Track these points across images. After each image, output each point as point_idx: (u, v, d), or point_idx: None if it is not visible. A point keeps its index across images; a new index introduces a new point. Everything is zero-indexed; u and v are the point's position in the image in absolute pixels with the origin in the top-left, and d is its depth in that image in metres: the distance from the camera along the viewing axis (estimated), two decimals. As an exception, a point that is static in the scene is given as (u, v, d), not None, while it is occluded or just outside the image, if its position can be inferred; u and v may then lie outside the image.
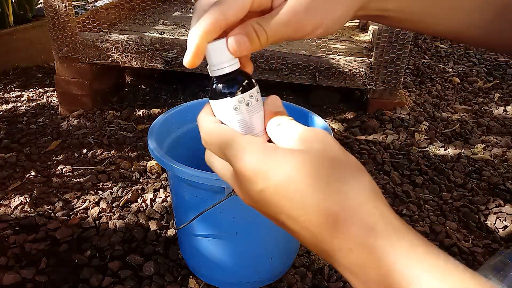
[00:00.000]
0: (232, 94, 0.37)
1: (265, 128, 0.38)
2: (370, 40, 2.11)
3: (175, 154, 0.89)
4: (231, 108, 0.37)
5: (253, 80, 0.39)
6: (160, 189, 1.33)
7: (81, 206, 1.26)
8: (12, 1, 2.47)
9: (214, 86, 0.38)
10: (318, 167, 0.31)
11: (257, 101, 0.38)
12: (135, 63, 1.79)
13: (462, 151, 1.61)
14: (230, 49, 0.35)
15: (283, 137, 0.35)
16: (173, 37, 1.81)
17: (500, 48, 0.50)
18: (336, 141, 0.34)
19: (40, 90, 2.15)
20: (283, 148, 0.33)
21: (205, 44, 0.35)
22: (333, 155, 0.32)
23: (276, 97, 0.39)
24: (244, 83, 0.38)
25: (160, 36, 1.89)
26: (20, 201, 1.27)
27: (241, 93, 0.37)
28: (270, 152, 0.32)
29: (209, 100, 0.39)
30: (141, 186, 1.35)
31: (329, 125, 1.62)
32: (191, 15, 2.27)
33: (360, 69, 1.73)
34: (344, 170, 0.31)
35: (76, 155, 1.55)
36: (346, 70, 1.73)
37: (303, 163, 0.31)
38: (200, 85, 2.10)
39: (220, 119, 0.38)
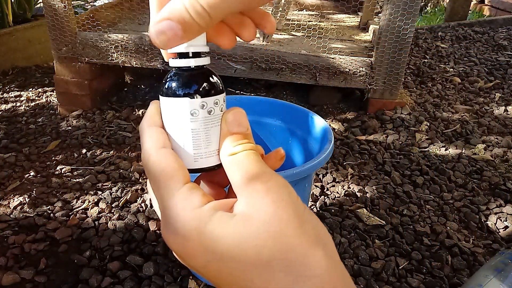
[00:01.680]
0: (192, 95, 0.29)
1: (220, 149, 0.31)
2: (371, 39, 2.11)
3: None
4: (187, 113, 0.29)
5: (222, 84, 0.31)
6: (160, 189, 1.32)
7: (80, 207, 1.25)
8: (11, 0, 2.47)
9: (170, 79, 0.30)
10: (260, 250, 0.25)
11: (221, 111, 0.31)
12: (134, 62, 1.79)
13: (463, 151, 1.61)
14: (155, 42, 0.26)
15: (232, 176, 0.29)
16: (173, 37, 1.80)
17: None
18: (292, 195, 0.27)
19: (39, 90, 2.14)
20: (220, 215, 0.26)
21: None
22: (281, 228, 0.25)
23: (241, 111, 0.31)
24: (210, 84, 0.30)
25: (159, 35, 1.88)
26: (19, 201, 1.27)
27: (205, 96, 0.30)
28: (202, 223, 0.26)
29: (160, 96, 0.31)
30: (140, 186, 1.34)
31: (330, 125, 1.61)
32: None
33: (361, 68, 1.72)
34: (293, 252, 0.25)
35: (76, 155, 1.54)
36: (347, 69, 1.73)
37: (241, 240, 0.25)
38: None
39: (166, 123, 0.30)
